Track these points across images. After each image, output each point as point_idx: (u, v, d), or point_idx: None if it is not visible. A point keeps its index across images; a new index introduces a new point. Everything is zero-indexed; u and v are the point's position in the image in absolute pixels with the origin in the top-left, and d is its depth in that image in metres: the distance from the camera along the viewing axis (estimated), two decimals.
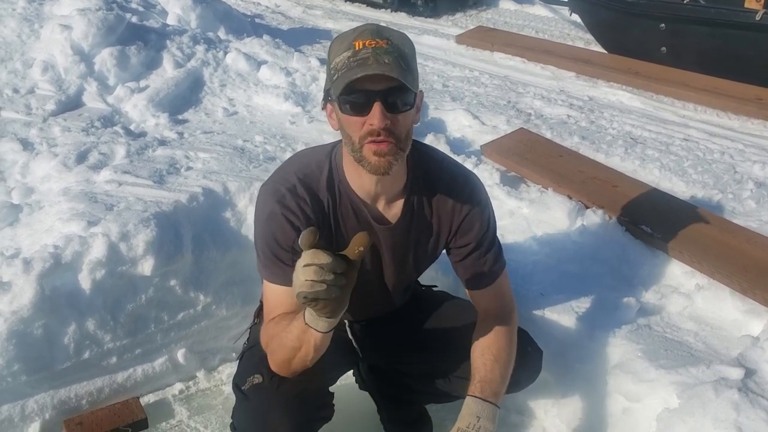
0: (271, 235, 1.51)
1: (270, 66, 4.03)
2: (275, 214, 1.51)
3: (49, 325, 2.08)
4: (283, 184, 1.54)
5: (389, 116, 1.38)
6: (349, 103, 1.39)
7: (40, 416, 2.09)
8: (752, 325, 2.11)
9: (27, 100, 3.38)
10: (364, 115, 1.39)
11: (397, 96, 1.39)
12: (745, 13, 4.18)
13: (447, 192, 1.64)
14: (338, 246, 1.57)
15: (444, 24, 6.28)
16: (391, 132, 1.39)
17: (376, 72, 1.33)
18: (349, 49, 1.37)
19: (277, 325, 1.47)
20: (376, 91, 1.36)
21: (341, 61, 1.37)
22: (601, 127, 3.75)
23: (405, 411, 2.13)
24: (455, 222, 1.65)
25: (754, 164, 3.22)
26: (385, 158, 1.41)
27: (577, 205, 2.70)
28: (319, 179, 1.56)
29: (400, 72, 1.35)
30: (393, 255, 1.66)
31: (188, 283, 2.34)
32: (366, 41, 1.36)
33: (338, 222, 1.58)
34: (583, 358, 2.05)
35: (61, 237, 2.20)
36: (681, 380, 1.84)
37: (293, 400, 1.47)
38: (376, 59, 1.34)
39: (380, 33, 1.39)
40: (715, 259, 2.34)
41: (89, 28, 3.71)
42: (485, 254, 1.69)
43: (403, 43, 1.41)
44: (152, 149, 2.96)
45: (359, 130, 1.40)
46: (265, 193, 1.56)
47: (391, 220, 1.61)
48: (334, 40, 1.44)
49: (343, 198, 1.57)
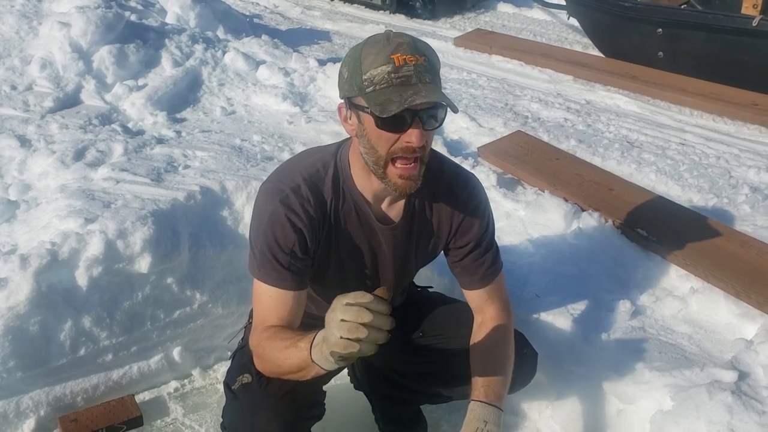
0: (272, 235, 1.50)
1: (268, 66, 4.03)
2: (278, 214, 1.49)
3: (45, 322, 2.08)
4: (287, 184, 1.53)
5: (426, 135, 1.40)
6: (390, 120, 1.36)
7: (35, 413, 2.09)
8: (746, 328, 2.12)
9: (25, 97, 3.38)
10: (399, 132, 1.39)
11: (436, 114, 1.40)
12: (741, 19, 4.20)
13: (448, 192, 1.65)
14: (338, 245, 1.59)
15: (442, 26, 6.29)
16: (423, 149, 1.41)
17: (427, 100, 1.33)
18: (388, 64, 1.35)
19: (272, 343, 1.42)
20: (417, 111, 1.36)
21: (380, 75, 1.35)
22: (597, 130, 3.76)
23: (400, 410, 2.14)
24: (455, 222, 1.66)
25: (749, 169, 3.24)
26: (413, 181, 1.44)
27: (574, 208, 2.71)
28: (324, 180, 1.55)
29: (441, 94, 1.36)
30: (394, 255, 1.67)
31: (184, 281, 2.34)
32: (407, 57, 1.35)
33: (339, 221, 1.58)
34: (577, 360, 2.06)
35: (58, 234, 2.20)
36: (675, 383, 1.85)
37: (281, 400, 1.47)
38: (420, 78, 1.35)
39: (417, 48, 1.38)
40: (710, 262, 2.35)
41: (88, 26, 3.71)
42: (484, 254, 1.70)
43: (435, 59, 1.42)
44: (150, 147, 2.96)
45: (390, 145, 1.40)
46: (267, 192, 1.55)
47: (393, 220, 1.62)
48: (364, 47, 1.41)
49: (347, 197, 1.57)
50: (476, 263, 1.70)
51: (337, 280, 1.65)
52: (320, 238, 1.56)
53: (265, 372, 1.48)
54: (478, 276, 1.71)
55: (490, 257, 1.71)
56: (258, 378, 1.51)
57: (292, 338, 1.37)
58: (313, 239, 1.53)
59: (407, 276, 1.80)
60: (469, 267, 1.71)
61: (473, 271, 1.71)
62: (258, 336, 1.49)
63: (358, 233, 1.61)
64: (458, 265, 1.72)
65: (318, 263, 1.60)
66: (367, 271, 1.68)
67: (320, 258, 1.59)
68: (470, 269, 1.71)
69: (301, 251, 1.51)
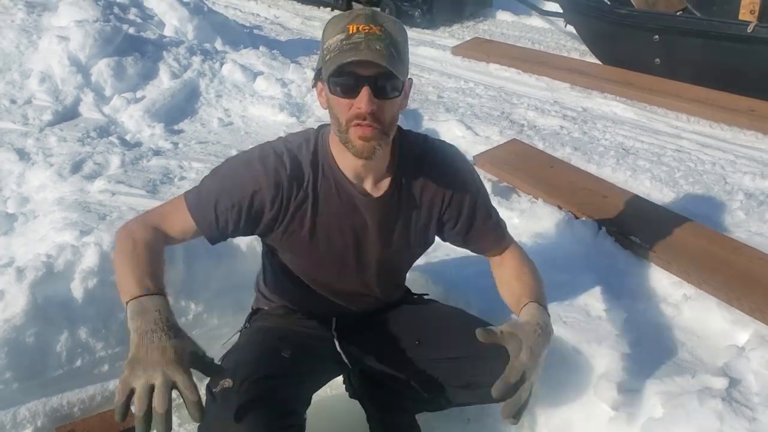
0: (231, 179, 1.57)
1: (266, 77, 4.07)
2: (252, 166, 1.56)
3: (41, 333, 2.09)
4: (273, 146, 1.60)
5: (376, 101, 1.42)
6: (338, 85, 1.43)
7: (31, 424, 2.10)
8: (738, 335, 2.12)
9: (24, 111, 3.42)
10: (352, 98, 1.43)
11: (386, 82, 1.43)
12: (737, 26, 4.22)
13: (434, 166, 1.67)
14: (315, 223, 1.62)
15: (441, 35, 6.32)
16: (376, 117, 1.44)
17: (366, 58, 1.37)
18: (343, 32, 1.41)
19: (132, 251, 1.51)
20: (365, 76, 1.40)
21: (334, 43, 1.41)
22: (593, 137, 3.78)
23: (396, 419, 2.14)
24: (447, 195, 1.68)
25: (744, 175, 3.25)
26: (370, 143, 1.46)
27: (567, 216, 2.72)
28: (304, 154, 1.60)
29: (390, 60, 1.39)
30: (379, 229, 1.67)
31: (180, 292, 2.35)
32: (360, 26, 1.40)
33: (317, 198, 1.61)
34: (569, 368, 2.06)
35: (53, 246, 2.21)
36: (666, 390, 1.85)
37: (254, 408, 1.48)
38: (368, 45, 1.38)
39: (374, 19, 1.42)
40: (703, 269, 2.36)
41: (86, 40, 3.75)
42: (486, 219, 1.75)
43: (395, 31, 1.44)
44: (147, 159, 2.99)
45: (346, 112, 1.44)
46: (254, 148, 1.62)
47: (378, 195, 1.64)
48: (329, 21, 1.48)
49: (327, 175, 1.60)
50: (483, 230, 1.74)
51: (313, 260, 1.68)
52: (289, 208, 1.59)
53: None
54: (489, 241, 1.77)
55: (494, 221, 1.77)
56: (239, 383, 1.52)
57: (141, 268, 1.47)
58: (273, 205, 1.57)
59: (396, 259, 1.78)
60: (476, 236, 1.75)
61: (483, 237, 1.76)
62: (138, 228, 1.56)
63: (338, 211, 1.63)
64: (466, 237, 1.76)
65: (289, 235, 1.63)
66: (348, 252, 1.68)
67: (289, 229, 1.62)
68: (478, 237, 1.76)
69: (247, 212, 1.57)
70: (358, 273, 1.74)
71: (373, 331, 1.87)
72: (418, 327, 1.88)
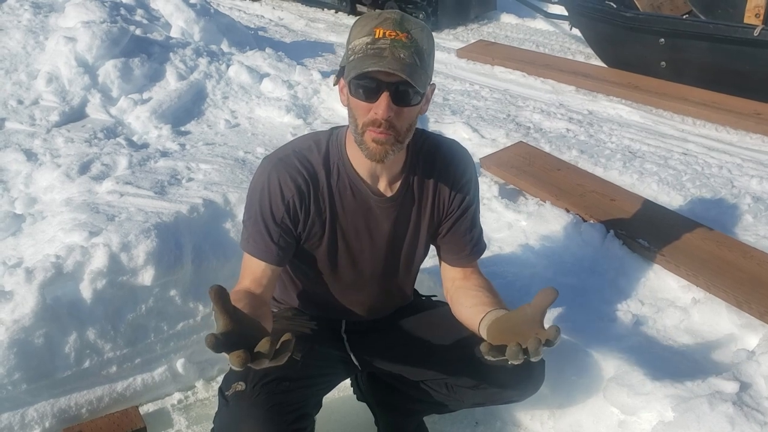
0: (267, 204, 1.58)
1: (272, 79, 4.06)
2: (271, 183, 1.58)
3: (50, 334, 2.10)
4: (278, 155, 1.62)
5: (395, 108, 1.43)
6: (359, 88, 1.43)
7: (40, 425, 2.10)
8: (747, 338, 2.12)
9: (31, 111, 3.41)
10: (371, 102, 1.43)
11: (407, 89, 1.42)
12: (743, 29, 4.21)
13: (444, 165, 1.68)
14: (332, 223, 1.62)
15: (445, 38, 6.31)
16: (392, 125, 1.44)
17: (388, 69, 1.37)
18: (369, 35, 1.40)
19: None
20: (386, 82, 1.40)
21: (359, 45, 1.41)
22: (600, 140, 3.78)
23: (403, 422, 2.14)
24: (452, 195, 1.69)
25: (751, 178, 3.25)
26: (383, 147, 1.46)
27: (575, 219, 2.72)
28: (315, 155, 1.61)
29: (413, 70, 1.39)
30: (394, 230, 1.69)
31: (188, 293, 2.36)
32: (387, 31, 1.40)
33: (333, 197, 1.62)
34: (579, 371, 2.06)
35: (62, 247, 2.22)
36: (676, 393, 1.85)
37: (267, 412, 1.48)
38: (393, 53, 1.38)
39: (402, 24, 1.41)
40: (712, 273, 2.36)
41: (93, 41, 3.75)
42: (471, 230, 1.74)
43: (422, 38, 1.43)
44: (154, 160, 2.98)
45: (364, 115, 1.45)
46: (260, 167, 1.63)
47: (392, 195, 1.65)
48: (358, 20, 1.48)
49: (341, 174, 1.61)
50: (464, 239, 1.73)
51: (329, 262, 1.69)
52: (311, 209, 1.61)
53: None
54: (465, 253, 1.74)
55: (477, 234, 1.75)
56: (251, 387, 1.52)
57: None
58: (302, 208, 1.59)
59: (408, 258, 1.78)
60: (457, 242, 1.73)
61: (461, 247, 1.74)
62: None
63: (354, 212, 1.64)
64: (446, 239, 1.74)
65: (309, 237, 1.64)
66: (364, 253, 1.70)
67: (311, 231, 1.63)
68: (458, 245, 1.74)
69: (292, 221, 1.59)
70: (372, 274, 1.75)
71: (382, 333, 1.87)
72: (427, 329, 1.88)
